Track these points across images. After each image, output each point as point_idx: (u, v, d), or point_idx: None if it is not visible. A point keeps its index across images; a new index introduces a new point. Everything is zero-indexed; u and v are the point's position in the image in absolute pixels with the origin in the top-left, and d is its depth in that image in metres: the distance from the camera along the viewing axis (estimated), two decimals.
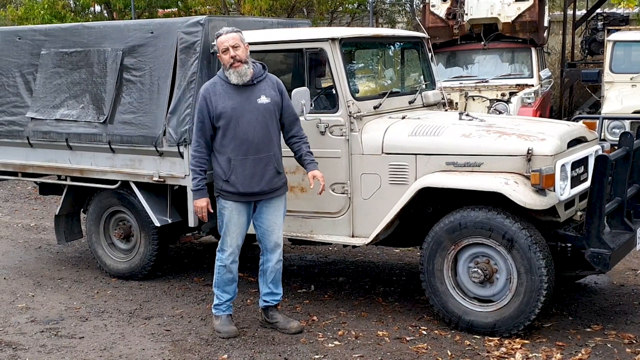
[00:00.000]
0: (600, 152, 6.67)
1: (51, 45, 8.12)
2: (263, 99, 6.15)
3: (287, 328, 6.46)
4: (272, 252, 6.42)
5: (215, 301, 6.53)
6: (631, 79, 12.97)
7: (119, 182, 7.82)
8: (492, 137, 6.29)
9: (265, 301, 6.55)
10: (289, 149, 6.42)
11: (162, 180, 7.50)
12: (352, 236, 6.80)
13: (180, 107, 7.22)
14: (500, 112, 11.52)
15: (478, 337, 6.20)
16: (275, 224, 6.36)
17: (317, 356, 5.98)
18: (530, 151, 6.01)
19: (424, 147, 6.41)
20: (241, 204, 6.24)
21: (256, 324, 6.68)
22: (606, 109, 11.93)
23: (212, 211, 6.33)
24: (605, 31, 15.46)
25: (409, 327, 6.53)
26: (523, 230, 5.95)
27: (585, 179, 6.53)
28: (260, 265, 6.52)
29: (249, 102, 6.12)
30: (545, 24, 14.41)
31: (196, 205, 6.29)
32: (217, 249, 6.44)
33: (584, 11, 20.82)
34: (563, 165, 6.08)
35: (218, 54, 6.21)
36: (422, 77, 7.97)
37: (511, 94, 12.38)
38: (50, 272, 8.61)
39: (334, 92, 6.75)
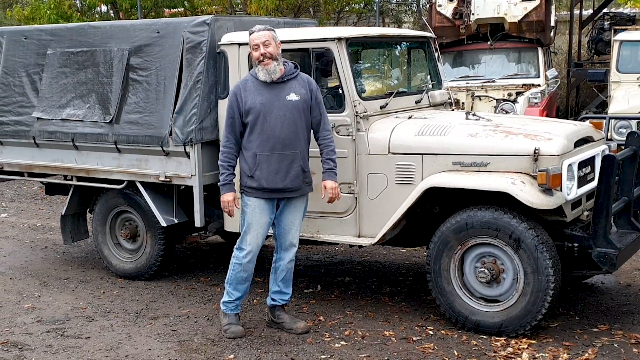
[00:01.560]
0: (607, 152, 6.66)
1: (57, 45, 8.13)
2: (292, 96, 6.15)
3: (294, 328, 6.46)
4: (286, 251, 6.42)
5: (225, 298, 6.52)
6: (638, 78, 12.94)
7: (125, 182, 7.82)
8: (498, 136, 6.28)
9: (273, 299, 6.55)
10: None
11: (168, 180, 7.50)
12: (359, 236, 6.80)
13: (186, 106, 7.22)
14: (506, 112, 11.52)
15: (485, 337, 6.19)
16: (292, 223, 6.36)
17: (323, 356, 5.97)
18: (537, 151, 6.00)
19: (430, 146, 6.40)
20: (265, 203, 6.23)
21: (262, 324, 6.68)
22: (613, 108, 11.91)
23: (238, 207, 6.30)
24: (612, 31, 15.43)
25: (416, 327, 6.52)
26: (530, 230, 5.94)
27: (592, 179, 6.52)
28: (273, 263, 6.52)
29: (278, 99, 6.12)
30: (552, 23, 14.39)
31: (223, 200, 6.25)
32: (235, 246, 6.42)
33: (590, 11, 20.79)
34: (570, 165, 6.07)
35: (250, 51, 6.22)
36: (428, 76, 7.96)
37: (518, 93, 12.38)
38: (56, 272, 8.62)
39: (341, 91, 6.74)
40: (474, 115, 6.96)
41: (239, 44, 7.04)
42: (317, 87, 6.37)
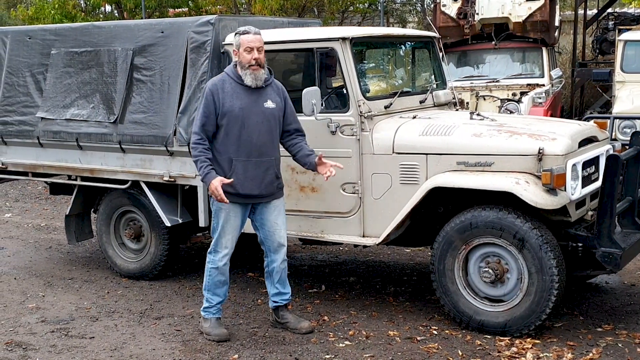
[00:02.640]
0: (611, 152, 6.65)
1: (61, 45, 8.14)
2: (269, 104, 6.15)
3: (298, 328, 6.46)
4: (276, 252, 6.39)
5: (205, 304, 6.50)
6: None
7: (130, 182, 7.83)
8: (503, 136, 6.28)
9: (274, 302, 6.54)
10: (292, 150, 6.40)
11: (172, 180, 7.50)
12: (363, 236, 6.79)
13: (190, 106, 7.22)
14: (511, 112, 11.50)
15: (489, 336, 6.19)
16: (276, 224, 6.34)
17: (327, 356, 5.97)
18: (541, 151, 5.99)
19: (434, 146, 6.39)
20: (238, 206, 6.22)
21: (267, 324, 6.68)
22: (617, 108, 11.89)
23: (227, 190, 6.12)
24: (617, 31, 15.41)
25: (420, 327, 6.52)
26: (534, 230, 5.93)
27: (596, 179, 6.51)
28: (265, 267, 6.50)
29: (256, 105, 6.11)
30: (556, 23, 14.36)
31: (210, 188, 6.05)
32: (208, 251, 6.42)
33: (595, 11, 20.76)
34: (574, 165, 6.06)
35: (236, 50, 6.14)
36: (433, 76, 7.96)
37: (522, 93, 12.36)
38: (60, 272, 8.62)
39: (345, 91, 6.74)
40: (478, 115, 6.96)
41: None
42: (287, 93, 6.36)
